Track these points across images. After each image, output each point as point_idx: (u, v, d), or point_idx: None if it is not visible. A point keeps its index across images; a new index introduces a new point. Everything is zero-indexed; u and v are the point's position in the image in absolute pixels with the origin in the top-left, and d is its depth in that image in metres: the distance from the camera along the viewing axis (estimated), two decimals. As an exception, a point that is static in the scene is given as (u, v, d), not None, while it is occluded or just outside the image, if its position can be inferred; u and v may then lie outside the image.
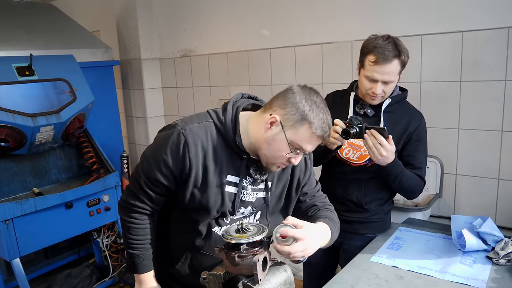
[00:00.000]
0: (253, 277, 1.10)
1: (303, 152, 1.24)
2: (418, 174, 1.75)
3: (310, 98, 1.21)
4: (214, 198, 1.29)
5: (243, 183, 1.32)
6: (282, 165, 1.28)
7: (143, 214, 1.35)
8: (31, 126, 2.41)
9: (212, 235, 1.36)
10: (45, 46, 2.91)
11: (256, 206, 1.38)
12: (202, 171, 1.26)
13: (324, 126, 1.21)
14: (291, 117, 1.20)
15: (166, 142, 1.26)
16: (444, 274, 1.53)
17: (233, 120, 1.29)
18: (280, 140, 1.21)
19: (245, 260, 1.10)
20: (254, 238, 1.11)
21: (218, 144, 1.27)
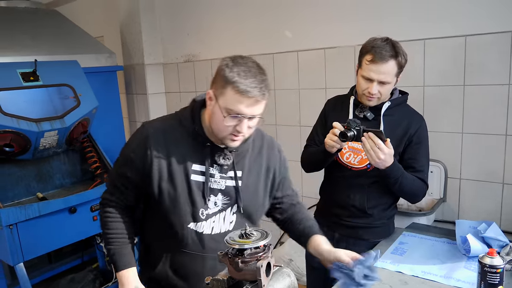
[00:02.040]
0: (256, 283, 1.10)
1: (242, 116, 1.23)
2: (419, 177, 1.73)
3: (234, 63, 1.24)
4: (181, 187, 1.32)
5: (210, 170, 1.34)
6: (233, 136, 1.28)
7: (116, 208, 1.40)
8: (35, 131, 2.42)
9: (188, 232, 1.36)
10: (50, 51, 2.93)
11: (227, 193, 1.38)
12: (166, 163, 1.31)
13: (249, 83, 1.20)
14: (218, 85, 1.25)
15: (132, 139, 1.38)
16: (449, 280, 1.52)
17: (191, 110, 1.36)
18: (217, 110, 1.25)
19: (248, 265, 1.10)
20: (258, 243, 1.11)
21: (180, 136, 1.34)
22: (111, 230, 1.39)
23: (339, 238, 1.87)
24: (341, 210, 1.85)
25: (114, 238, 1.39)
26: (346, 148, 1.81)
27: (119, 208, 1.41)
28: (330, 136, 1.66)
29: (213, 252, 1.36)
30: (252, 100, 1.22)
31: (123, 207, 1.42)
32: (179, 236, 1.36)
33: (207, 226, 1.37)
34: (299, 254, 2.77)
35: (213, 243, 1.38)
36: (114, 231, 1.39)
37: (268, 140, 1.52)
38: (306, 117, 2.83)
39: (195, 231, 1.36)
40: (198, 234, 1.36)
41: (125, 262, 1.38)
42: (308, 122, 2.78)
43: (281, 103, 2.97)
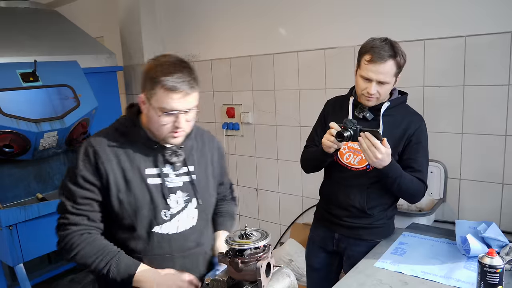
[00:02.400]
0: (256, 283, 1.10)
1: (177, 112, 1.26)
2: (418, 177, 1.73)
3: (157, 62, 1.27)
4: (141, 194, 1.32)
5: (164, 171, 1.36)
6: (173, 133, 1.30)
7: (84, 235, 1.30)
8: (35, 132, 2.42)
9: (154, 236, 1.35)
10: (49, 52, 2.93)
11: (185, 189, 1.40)
12: (120, 174, 1.30)
13: (176, 78, 1.23)
14: (147, 87, 1.26)
15: (77, 161, 1.31)
16: (448, 280, 1.52)
17: (130, 117, 1.36)
18: (151, 111, 1.27)
19: (248, 265, 1.10)
20: (258, 244, 1.11)
21: (127, 144, 1.34)
22: (95, 253, 1.28)
23: (339, 238, 1.88)
24: (341, 210, 1.85)
25: (105, 258, 1.29)
26: (346, 148, 1.81)
27: (88, 233, 1.31)
28: (327, 136, 1.66)
29: (181, 251, 1.39)
30: (182, 94, 1.25)
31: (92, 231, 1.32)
32: (145, 243, 1.35)
33: (172, 226, 1.37)
34: (299, 255, 2.77)
35: (181, 241, 1.39)
36: (98, 251, 1.29)
37: (207, 133, 1.57)
38: (306, 118, 2.83)
39: (161, 234, 1.36)
40: (164, 236, 1.36)
41: (132, 265, 1.30)
42: (308, 122, 2.78)
43: (281, 104, 2.97)
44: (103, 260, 1.28)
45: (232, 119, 3.28)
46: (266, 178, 3.20)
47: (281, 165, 3.08)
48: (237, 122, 3.26)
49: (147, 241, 1.35)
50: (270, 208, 3.23)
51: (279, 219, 3.19)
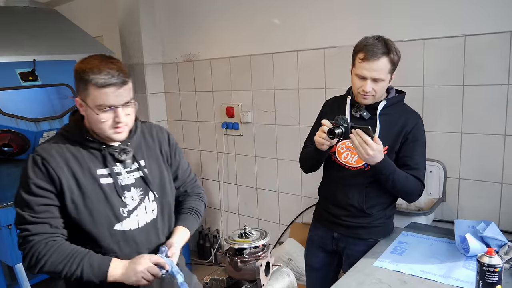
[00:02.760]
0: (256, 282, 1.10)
1: (113, 107, 1.28)
2: (414, 175, 1.73)
3: (84, 63, 1.28)
4: (96, 195, 1.32)
5: (115, 170, 1.37)
6: (116, 129, 1.32)
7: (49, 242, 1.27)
8: (34, 131, 2.42)
9: (116, 234, 1.35)
10: (48, 51, 2.93)
11: (138, 185, 1.41)
12: (72, 178, 1.30)
13: (104, 75, 1.25)
14: (80, 89, 1.28)
15: (26, 171, 1.30)
16: (447, 279, 1.52)
17: (74, 122, 1.38)
18: (90, 112, 1.29)
19: (248, 265, 1.10)
20: (257, 243, 1.11)
21: (74, 149, 1.34)
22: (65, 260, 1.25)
23: (338, 237, 1.88)
24: (339, 209, 1.85)
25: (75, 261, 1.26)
26: (343, 148, 1.82)
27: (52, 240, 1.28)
28: (319, 133, 1.67)
29: (147, 245, 1.39)
30: (114, 88, 1.27)
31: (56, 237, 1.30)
32: (110, 243, 1.34)
33: (132, 221, 1.38)
34: (298, 254, 2.77)
35: (143, 236, 1.40)
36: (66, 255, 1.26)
37: (156, 126, 1.58)
38: (306, 117, 2.83)
39: (123, 231, 1.36)
40: (127, 233, 1.37)
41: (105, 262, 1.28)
42: (307, 122, 2.78)
43: (281, 103, 2.97)
44: (74, 263, 1.26)
45: (232, 118, 3.28)
46: (265, 178, 3.20)
47: (281, 165, 3.08)
48: (236, 122, 3.26)
49: (111, 241, 1.35)
50: (269, 207, 3.23)
51: (279, 218, 3.19)
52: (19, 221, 1.29)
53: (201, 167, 3.66)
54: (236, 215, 3.49)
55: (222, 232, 3.63)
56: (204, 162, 3.63)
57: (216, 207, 3.62)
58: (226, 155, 3.41)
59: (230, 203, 3.51)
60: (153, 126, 1.57)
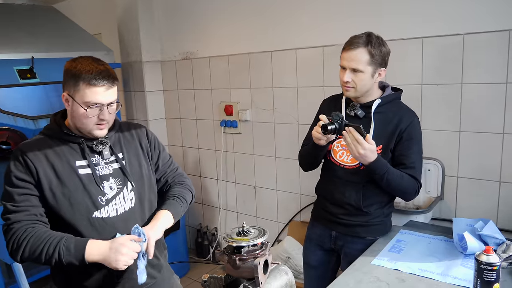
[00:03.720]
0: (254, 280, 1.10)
1: (101, 105, 1.37)
2: (410, 174, 1.72)
3: (77, 62, 1.38)
4: (74, 184, 1.39)
5: (93, 161, 1.45)
6: (98, 125, 1.41)
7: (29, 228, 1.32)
8: (32, 129, 2.42)
9: (95, 221, 1.41)
10: (47, 48, 2.92)
11: (116, 175, 1.48)
12: (50, 169, 1.37)
13: (96, 75, 1.35)
14: (70, 85, 1.37)
15: (9, 165, 1.38)
16: (445, 277, 1.52)
17: (53, 120, 1.47)
18: (76, 107, 1.37)
19: (246, 263, 1.10)
20: (255, 241, 1.11)
21: (53, 144, 1.42)
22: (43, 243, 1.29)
23: (336, 236, 1.88)
24: (337, 208, 1.85)
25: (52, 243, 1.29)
26: (339, 146, 1.82)
27: (31, 227, 1.33)
28: (316, 128, 1.69)
29: (126, 232, 1.42)
30: (104, 88, 1.37)
31: (36, 223, 1.34)
32: (90, 230, 1.40)
33: (110, 209, 1.44)
34: (296, 252, 2.78)
35: (122, 223, 1.45)
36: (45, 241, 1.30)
37: (134, 124, 1.67)
38: (304, 115, 2.83)
39: (101, 218, 1.42)
40: (104, 220, 1.42)
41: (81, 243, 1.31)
42: (306, 120, 2.78)
43: (279, 101, 2.97)
44: (51, 246, 1.29)
45: (230, 116, 3.28)
46: (264, 176, 3.20)
47: (279, 163, 3.08)
48: (235, 120, 3.26)
49: (91, 228, 1.40)
50: (267, 205, 3.24)
51: (277, 216, 3.19)
52: (3, 212, 1.36)
53: (199, 165, 3.66)
54: (235, 213, 3.49)
55: (221, 230, 3.63)
56: (202, 160, 3.63)
57: (215, 205, 3.62)
58: (225, 153, 3.41)
59: (229, 201, 3.51)
60: (131, 124, 1.65)
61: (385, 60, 1.71)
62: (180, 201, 1.59)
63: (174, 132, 3.82)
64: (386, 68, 1.73)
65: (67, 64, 1.41)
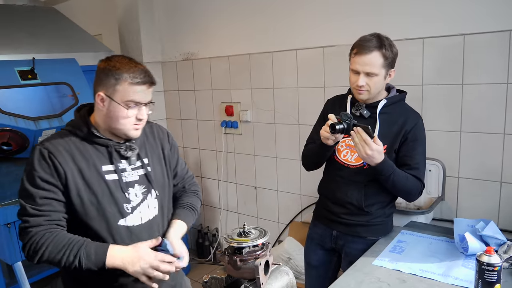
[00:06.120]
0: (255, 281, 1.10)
1: (139, 104, 1.35)
2: (414, 175, 1.73)
3: (113, 61, 1.35)
4: (101, 190, 1.35)
5: (120, 166, 1.40)
6: (135, 125, 1.38)
7: (47, 233, 1.29)
8: (33, 130, 2.42)
9: (120, 229, 1.38)
10: (48, 49, 2.92)
11: (142, 182, 1.44)
12: (77, 173, 1.33)
13: (138, 74, 1.34)
14: (108, 84, 1.33)
15: (32, 163, 1.32)
16: (446, 278, 1.52)
17: (81, 118, 1.41)
18: (114, 107, 1.33)
19: (247, 263, 1.10)
20: (256, 242, 1.11)
21: (80, 144, 1.37)
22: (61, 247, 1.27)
23: (337, 235, 1.88)
24: (339, 208, 1.85)
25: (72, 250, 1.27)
26: (343, 146, 1.82)
27: (49, 232, 1.29)
28: (324, 127, 1.69)
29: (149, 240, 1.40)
30: (145, 87, 1.35)
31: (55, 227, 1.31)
32: (112, 238, 1.36)
33: (135, 217, 1.41)
34: (297, 253, 2.78)
35: (146, 232, 1.43)
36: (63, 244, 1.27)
37: (156, 125, 1.62)
38: (305, 116, 2.83)
39: (126, 226, 1.39)
40: (129, 229, 1.39)
41: (102, 249, 1.29)
42: (306, 120, 2.78)
43: (280, 102, 2.97)
44: (72, 253, 1.27)
45: (231, 117, 3.28)
46: (264, 177, 3.20)
47: (280, 164, 3.08)
48: (235, 120, 3.26)
49: (115, 236, 1.37)
50: (268, 206, 3.23)
51: (278, 217, 3.19)
52: (21, 212, 1.32)
53: (200, 165, 3.66)
54: (235, 213, 3.49)
55: (221, 230, 3.63)
56: (203, 161, 3.63)
57: (215, 205, 3.62)
58: (225, 153, 3.41)
59: (229, 202, 3.51)
60: (154, 126, 1.60)
61: (394, 61, 1.72)
62: (194, 213, 1.59)
63: (174, 133, 3.81)
64: (394, 69, 1.74)
65: (102, 63, 1.36)
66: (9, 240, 2.30)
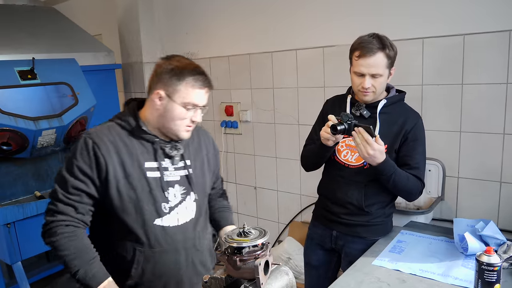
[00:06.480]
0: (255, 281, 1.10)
1: (197, 107, 1.37)
2: (415, 175, 1.73)
3: (175, 62, 1.36)
4: (141, 186, 1.34)
5: (163, 165, 1.40)
6: (187, 127, 1.39)
7: (69, 227, 1.31)
8: (33, 130, 2.42)
9: (155, 229, 1.37)
10: (47, 49, 2.92)
11: (182, 183, 1.44)
12: (119, 166, 1.32)
13: (200, 77, 1.35)
14: (169, 84, 1.33)
15: (74, 151, 1.33)
16: (446, 278, 1.52)
17: (130, 112, 1.41)
18: (172, 107, 1.34)
19: (246, 263, 1.10)
20: (256, 242, 1.11)
21: (126, 138, 1.37)
22: (72, 250, 1.28)
23: (337, 235, 1.88)
24: (339, 208, 1.85)
25: (77, 257, 1.29)
26: (343, 146, 1.82)
27: (73, 226, 1.32)
28: (324, 128, 1.68)
29: (183, 243, 1.40)
30: (204, 91, 1.37)
31: (78, 224, 1.33)
32: (146, 236, 1.36)
33: (172, 218, 1.40)
34: (297, 253, 2.78)
35: (181, 234, 1.42)
36: (75, 249, 1.29)
37: (202, 130, 1.62)
38: (305, 116, 2.83)
39: (162, 226, 1.38)
40: (165, 229, 1.39)
41: (100, 277, 1.29)
42: (306, 120, 2.78)
43: (280, 102, 2.97)
44: (75, 262, 1.28)
45: (231, 117, 3.28)
46: (264, 176, 3.20)
47: (280, 163, 3.08)
48: (235, 120, 3.26)
49: (149, 235, 1.36)
50: (268, 206, 3.23)
51: (278, 217, 3.19)
52: (52, 194, 1.34)
53: (200, 165, 3.65)
54: (235, 213, 3.49)
55: (221, 230, 3.63)
56: (203, 161, 3.62)
57: (215, 205, 3.62)
58: (225, 153, 3.41)
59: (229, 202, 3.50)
60: (200, 129, 1.60)
61: (395, 60, 1.72)
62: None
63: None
64: (394, 67, 1.74)
65: (164, 62, 1.38)
66: (9, 240, 2.30)
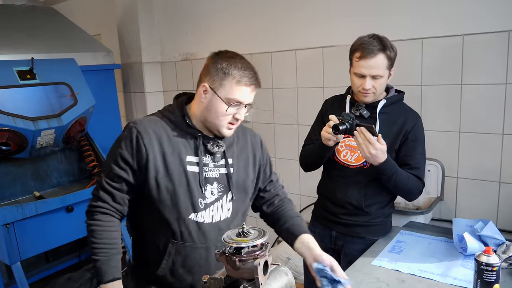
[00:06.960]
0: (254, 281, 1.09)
1: (241, 104, 1.35)
2: (415, 175, 1.74)
3: (224, 56, 1.35)
4: (179, 179, 1.34)
5: (203, 160, 1.39)
6: (230, 124, 1.37)
7: (106, 215, 1.35)
8: (32, 130, 2.41)
9: (189, 223, 1.37)
10: (47, 49, 2.92)
11: (221, 181, 1.42)
12: (160, 157, 1.33)
13: (247, 74, 1.33)
14: (215, 78, 1.33)
15: (120, 139, 1.36)
16: (445, 278, 1.52)
17: (178, 105, 1.42)
18: (216, 101, 1.33)
19: (246, 264, 1.10)
20: (255, 242, 1.11)
21: (170, 130, 1.38)
22: (100, 240, 1.33)
23: (337, 236, 1.88)
24: (338, 208, 1.85)
25: (103, 248, 1.33)
26: (343, 146, 1.82)
27: (108, 214, 1.36)
28: (325, 128, 1.68)
29: (215, 242, 1.39)
30: (251, 89, 1.35)
31: (114, 214, 1.37)
32: (179, 229, 1.36)
33: (207, 215, 1.39)
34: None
35: (214, 232, 1.40)
36: (103, 240, 1.33)
37: (249, 130, 1.60)
38: (304, 116, 2.83)
39: (196, 221, 1.38)
40: (198, 224, 1.38)
41: (112, 274, 1.32)
42: (306, 121, 2.78)
43: (279, 102, 2.97)
44: (98, 252, 1.32)
45: (230, 117, 3.27)
46: (264, 177, 3.20)
47: (279, 164, 3.08)
48: (235, 121, 3.25)
49: (183, 229, 1.36)
50: (268, 206, 3.23)
51: (277, 217, 3.18)
52: (98, 180, 1.38)
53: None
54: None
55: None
56: (202, 161, 3.62)
57: (215, 206, 3.62)
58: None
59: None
60: (247, 130, 1.59)
61: (395, 60, 1.72)
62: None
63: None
64: (394, 67, 1.74)
65: (214, 55, 1.38)
66: (8, 240, 2.30)
